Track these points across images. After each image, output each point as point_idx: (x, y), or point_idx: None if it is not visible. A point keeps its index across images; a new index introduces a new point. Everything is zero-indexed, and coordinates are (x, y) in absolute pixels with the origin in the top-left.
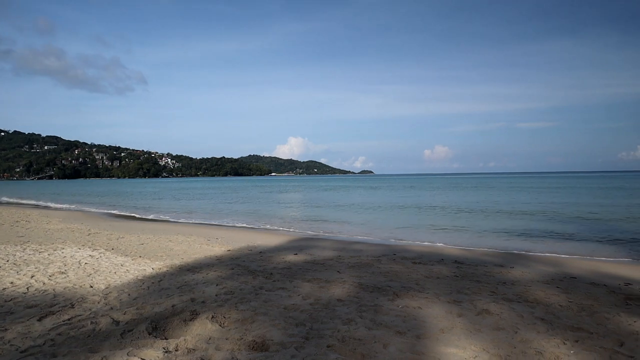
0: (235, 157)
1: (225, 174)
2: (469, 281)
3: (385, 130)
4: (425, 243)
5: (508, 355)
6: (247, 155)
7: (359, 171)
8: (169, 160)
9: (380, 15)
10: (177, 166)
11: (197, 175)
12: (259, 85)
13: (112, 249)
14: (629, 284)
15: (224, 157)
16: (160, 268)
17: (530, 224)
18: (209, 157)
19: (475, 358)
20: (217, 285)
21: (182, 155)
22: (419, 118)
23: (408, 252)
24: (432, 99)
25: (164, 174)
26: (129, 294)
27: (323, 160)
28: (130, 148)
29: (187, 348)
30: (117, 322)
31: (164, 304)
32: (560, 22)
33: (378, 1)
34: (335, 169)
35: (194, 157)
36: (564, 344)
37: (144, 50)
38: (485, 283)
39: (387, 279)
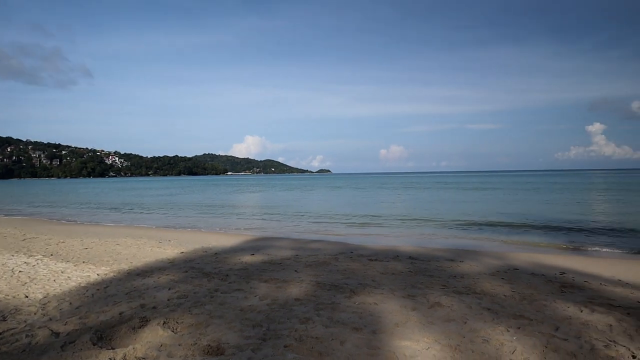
0: (190, 155)
1: (179, 174)
2: (422, 276)
3: (343, 129)
4: (382, 241)
5: (458, 344)
6: (202, 154)
7: (317, 170)
8: (117, 159)
9: (340, 16)
10: (126, 165)
11: (148, 175)
12: (214, 81)
13: (52, 254)
14: (564, 273)
15: (177, 155)
16: (107, 274)
17: (479, 220)
18: (161, 155)
19: (428, 349)
20: (169, 289)
21: (131, 154)
22: (375, 118)
23: (365, 249)
24: (388, 100)
25: (111, 173)
26: (70, 303)
27: (281, 160)
28: (73, 146)
29: (136, 357)
30: (56, 334)
31: (111, 311)
32: (505, 31)
33: (338, 1)
34: (293, 168)
35: (144, 155)
36: (508, 331)
37: (89, 41)
38: (437, 277)
39: (344, 277)
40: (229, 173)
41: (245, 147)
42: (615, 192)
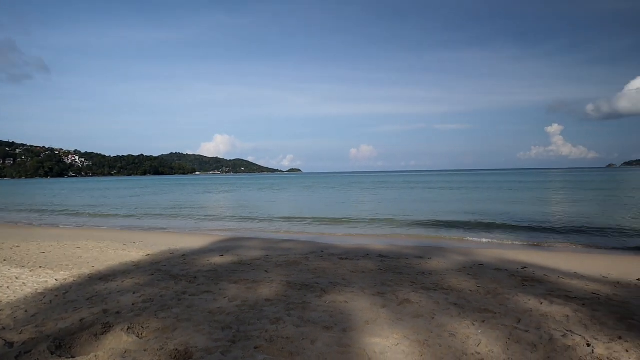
0: (156, 155)
1: (144, 173)
2: (392, 273)
3: (313, 129)
4: (352, 240)
5: (426, 339)
6: (169, 153)
7: (287, 170)
8: (77, 158)
9: (310, 14)
10: (87, 165)
11: (111, 175)
12: (182, 79)
13: (4, 260)
14: (525, 267)
15: (142, 155)
16: (66, 279)
17: (447, 218)
18: (125, 154)
19: (397, 345)
20: (134, 293)
21: (92, 153)
22: (346, 118)
23: (335, 248)
24: (358, 99)
25: (71, 173)
26: (26, 311)
27: (250, 159)
28: (28, 144)
29: None
30: (10, 344)
31: (71, 318)
32: (470, 34)
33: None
34: (263, 167)
35: (107, 154)
36: (473, 324)
37: (46, 34)
38: (406, 274)
39: (315, 276)
40: (198, 173)
41: (214, 146)
42: (571, 190)
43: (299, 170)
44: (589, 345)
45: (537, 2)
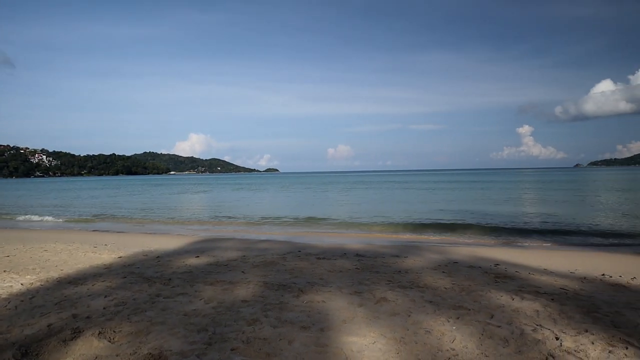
0: (128, 154)
1: (116, 173)
2: (369, 272)
3: (291, 128)
4: (330, 239)
5: (402, 337)
6: (142, 152)
7: (264, 169)
8: (44, 157)
9: (286, 14)
10: (55, 164)
11: (82, 175)
12: (156, 76)
13: None
14: (498, 264)
15: (114, 154)
16: (32, 283)
17: (423, 217)
18: (96, 154)
19: (374, 343)
20: (105, 297)
21: (61, 152)
22: (323, 117)
23: (313, 248)
24: (336, 99)
25: (38, 173)
26: None
27: (227, 158)
28: None
29: None
30: None
31: (38, 324)
32: (444, 36)
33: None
34: (239, 167)
35: (76, 154)
36: (448, 321)
37: (10, 28)
38: (383, 273)
39: (293, 276)
40: (172, 172)
41: (190, 146)
42: (541, 190)
43: (276, 170)
44: (557, 338)
45: (508, 7)
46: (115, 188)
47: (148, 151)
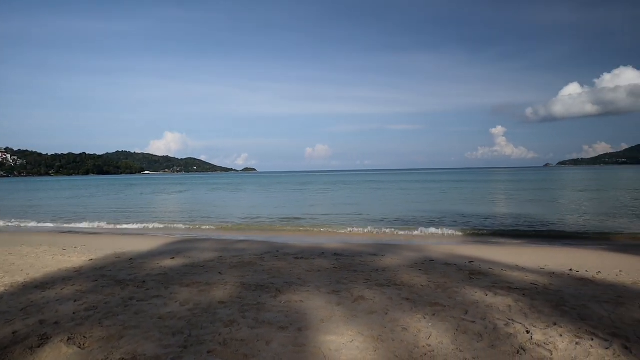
0: (100, 153)
1: (87, 173)
2: (347, 271)
3: (269, 128)
4: (308, 239)
5: (380, 335)
6: (115, 151)
7: (242, 169)
8: (9, 156)
9: (266, 12)
10: (21, 163)
11: (49, 175)
12: (129, 72)
13: None
14: (472, 261)
15: (84, 153)
16: None
17: (400, 216)
18: (65, 153)
19: (352, 342)
20: (75, 301)
21: (27, 151)
22: (301, 117)
23: (291, 248)
24: (314, 99)
25: (2, 172)
26: None
27: (203, 158)
28: None
29: None
30: None
31: (2, 331)
32: (422, 38)
33: None
34: (216, 166)
35: (44, 153)
36: (424, 318)
37: None
38: (361, 272)
39: (270, 276)
40: (147, 172)
41: (165, 144)
42: (513, 188)
43: (254, 170)
44: (528, 332)
45: (483, 11)
46: (85, 188)
47: (121, 150)
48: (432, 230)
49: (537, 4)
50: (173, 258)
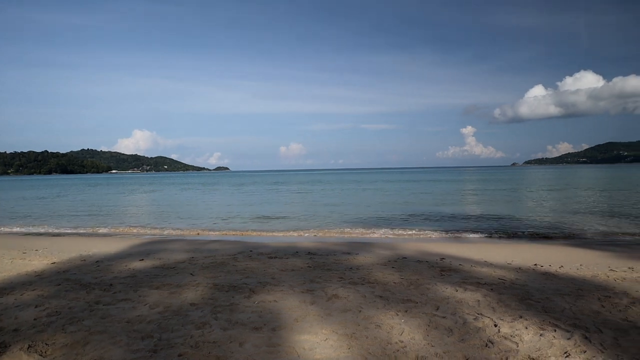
0: (64, 151)
1: (49, 172)
2: (321, 270)
3: (242, 126)
4: (281, 238)
5: (353, 332)
6: (80, 149)
7: (215, 168)
8: None
9: (239, 8)
10: None
11: (8, 174)
12: (96, 68)
13: None
14: (443, 258)
15: (46, 151)
16: None
17: (374, 214)
18: (25, 151)
19: (326, 340)
20: (36, 307)
21: None
22: (275, 116)
23: (264, 247)
24: (288, 97)
25: None
26: None
27: (174, 156)
28: None
29: None
30: None
31: None
32: (395, 39)
33: None
34: (188, 165)
35: (2, 151)
36: (397, 315)
37: None
38: (334, 270)
39: (244, 277)
40: (114, 171)
41: (134, 143)
42: (482, 187)
43: (227, 169)
44: (496, 325)
45: (453, 14)
46: (46, 188)
47: (86, 148)
48: (405, 228)
49: (505, 8)
50: (142, 260)
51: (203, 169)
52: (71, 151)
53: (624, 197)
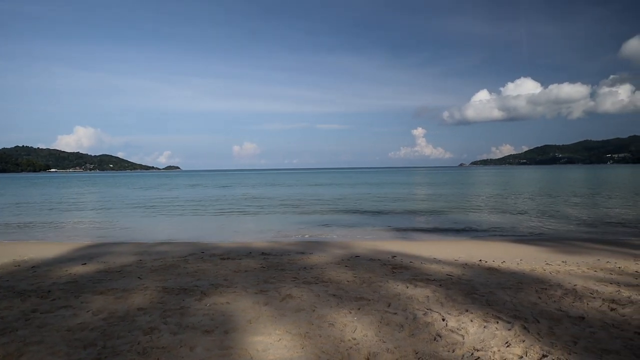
0: None
1: None
2: (275, 270)
3: (194, 124)
4: (235, 238)
5: (307, 332)
6: (14, 146)
7: (164, 167)
8: None
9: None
10: None
11: None
12: (32, 59)
13: None
14: (395, 256)
15: None
16: None
17: (328, 214)
18: None
19: (280, 341)
20: None
21: None
22: (228, 114)
23: (217, 248)
24: (241, 96)
25: None
26: None
27: (120, 155)
28: None
29: None
30: None
31: None
32: (348, 40)
33: None
34: (135, 164)
35: None
36: (350, 313)
37: None
38: (289, 270)
39: (195, 279)
40: (53, 170)
41: (75, 140)
42: (432, 186)
43: (178, 168)
44: (443, 319)
45: (404, 18)
46: None
47: (21, 145)
48: (358, 227)
49: (453, 15)
50: (85, 264)
51: (152, 168)
52: (3, 148)
53: (557, 198)
